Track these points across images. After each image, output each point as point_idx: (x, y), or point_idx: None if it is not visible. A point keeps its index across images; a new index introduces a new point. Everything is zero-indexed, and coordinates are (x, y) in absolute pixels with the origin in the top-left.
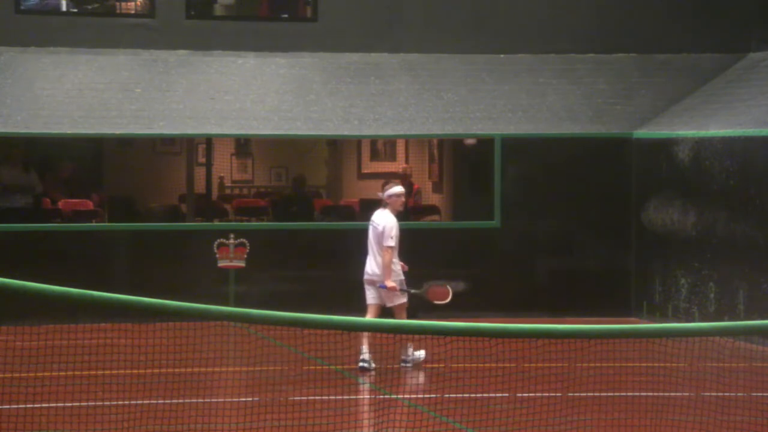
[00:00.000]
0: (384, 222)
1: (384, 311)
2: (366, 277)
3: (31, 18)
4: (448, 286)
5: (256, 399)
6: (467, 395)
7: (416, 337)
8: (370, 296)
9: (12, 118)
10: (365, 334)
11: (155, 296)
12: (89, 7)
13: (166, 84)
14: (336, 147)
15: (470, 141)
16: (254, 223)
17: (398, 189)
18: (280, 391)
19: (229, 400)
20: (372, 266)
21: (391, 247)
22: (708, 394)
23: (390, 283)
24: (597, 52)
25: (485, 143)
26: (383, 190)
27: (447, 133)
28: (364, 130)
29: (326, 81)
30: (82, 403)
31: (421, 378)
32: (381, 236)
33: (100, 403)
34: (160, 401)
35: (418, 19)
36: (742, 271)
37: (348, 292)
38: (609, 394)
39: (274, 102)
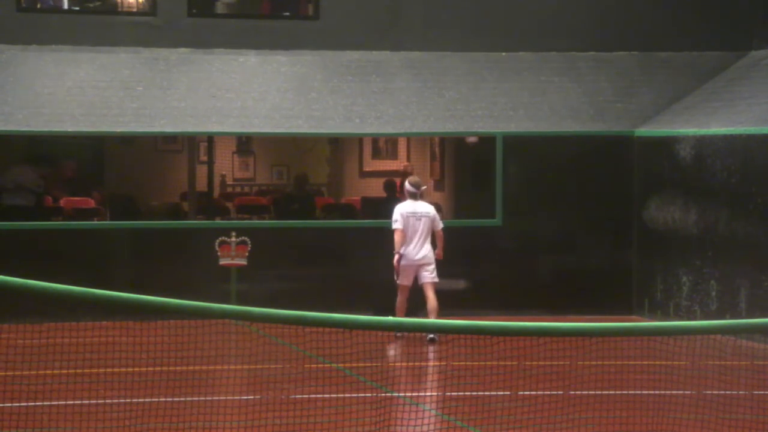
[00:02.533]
0: (432, 210)
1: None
2: (411, 262)
3: (33, 16)
4: None
5: (257, 397)
6: (469, 393)
7: (418, 335)
8: (408, 279)
9: (13, 117)
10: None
11: (157, 294)
12: (90, 5)
13: (167, 82)
14: (337, 145)
15: (471, 139)
16: (256, 221)
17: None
18: (281, 389)
19: (231, 398)
20: (424, 251)
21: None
22: (710, 392)
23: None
24: (598, 50)
25: (486, 141)
26: (413, 184)
27: (448, 132)
28: (365, 128)
29: (328, 79)
30: (84, 401)
31: (423, 376)
32: (433, 222)
33: (102, 401)
34: (161, 399)
35: (420, 17)
36: (744, 269)
37: (349, 289)
38: (610, 392)
39: (275, 100)
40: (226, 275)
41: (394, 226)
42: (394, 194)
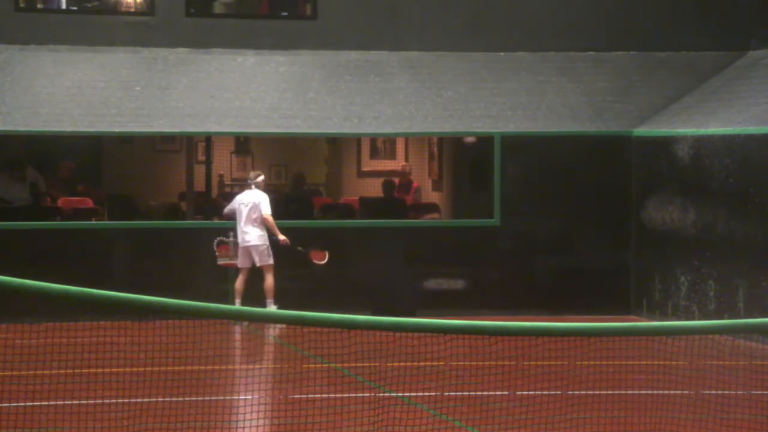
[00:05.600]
0: (259, 198)
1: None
2: (245, 244)
3: (31, 16)
4: (326, 251)
5: (255, 397)
6: (467, 393)
7: (414, 335)
8: (247, 261)
9: (12, 116)
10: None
11: (155, 294)
12: (89, 4)
13: (165, 82)
14: (335, 145)
15: (470, 139)
16: None
17: (263, 176)
18: (279, 389)
19: (229, 398)
20: (249, 236)
21: (270, 214)
22: (708, 392)
23: (282, 237)
24: (597, 50)
25: (485, 141)
26: (249, 176)
27: (447, 131)
28: (363, 128)
29: (326, 79)
30: (82, 401)
31: (421, 376)
32: (257, 208)
33: (100, 401)
34: (159, 399)
35: (418, 16)
36: (742, 269)
37: (347, 289)
38: (609, 392)
39: (273, 100)
40: (223, 275)
41: (224, 210)
42: (393, 194)
